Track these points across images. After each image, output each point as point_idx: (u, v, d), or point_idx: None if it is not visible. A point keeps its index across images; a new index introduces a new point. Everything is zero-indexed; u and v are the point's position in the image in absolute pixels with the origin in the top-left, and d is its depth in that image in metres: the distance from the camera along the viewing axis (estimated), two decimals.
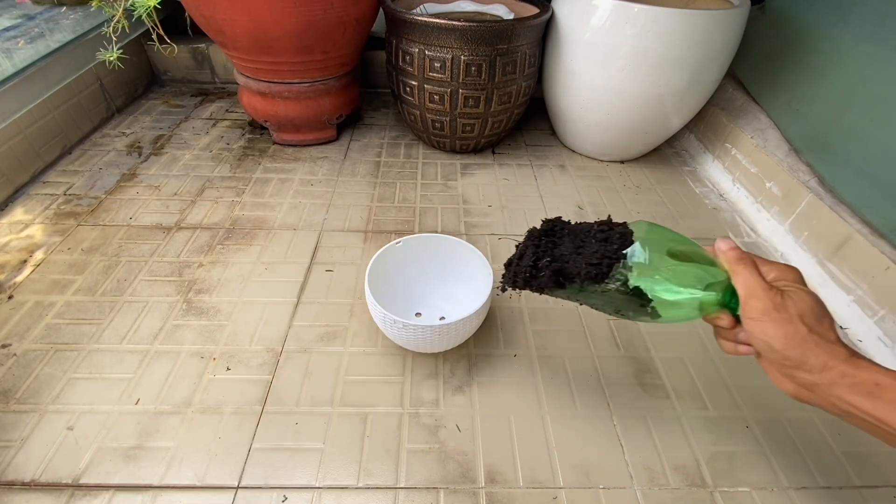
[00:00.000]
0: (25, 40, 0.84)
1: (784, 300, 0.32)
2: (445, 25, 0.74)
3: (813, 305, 0.32)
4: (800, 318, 0.31)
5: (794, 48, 0.79)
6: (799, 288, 0.33)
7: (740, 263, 0.34)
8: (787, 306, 0.32)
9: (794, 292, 0.33)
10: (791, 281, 0.34)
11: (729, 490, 0.45)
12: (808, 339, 0.31)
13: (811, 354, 0.31)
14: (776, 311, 0.32)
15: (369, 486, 0.44)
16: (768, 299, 0.32)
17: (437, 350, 0.54)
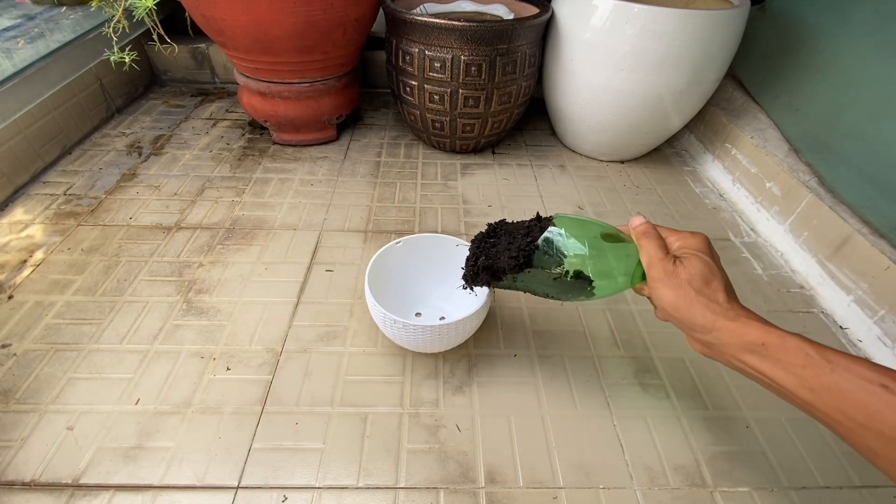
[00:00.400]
0: (25, 40, 0.84)
1: (676, 267, 0.35)
2: (445, 25, 0.74)
3: (702, 269, 0.34)
4: (688, 283, 0.34)
5: (794, 48, 0.79)
6: (693, 254, 0.35)
7: (644, 237, 0.38)
8: (677, 273, 0.34)
9: (686, 258, 0.35)
10: (690, 248, 0.36)
11: (729, 490, 0.45)
12: (696, 302, 0.33)
13: (699, 315, 0.33)
14: (668, 278, 0.35)
15: (369, 486, 0.44)
16: (661, 268, 0.35)
17: (438, 350, 0.54)
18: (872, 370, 0.26)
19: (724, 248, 0.75)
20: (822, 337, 0.61)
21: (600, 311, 0.63)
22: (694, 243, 0.37)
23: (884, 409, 0.24)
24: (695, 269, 0.34)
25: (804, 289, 0.68)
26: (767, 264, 0.73)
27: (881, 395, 0.25)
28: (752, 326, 0.31)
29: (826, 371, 0.27)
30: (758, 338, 0.30)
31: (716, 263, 0.35)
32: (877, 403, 0.25)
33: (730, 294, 0.34)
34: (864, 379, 0.26)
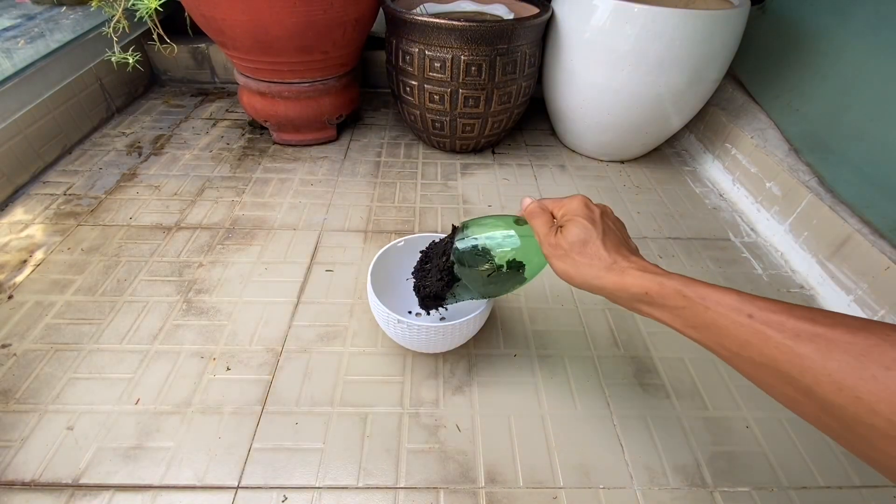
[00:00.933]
0: (25, 40, 0.84)
1: (557, 238, 0.36)
2: (445, 25, 0.74)
3: (578, 233, 0.35)
4: (570, 250, 0.35)
5: (794, 48, 0.79)
6: (570, 219, 0.36)
7: (531, 218, 0.39)
8: (559, 244, 0.36)
9: (564, 227, 0.36)
10: (569, 214, 0.37)
11: (729, 490, 0.45)
12: (581, 266, 0.35)
13: (589, 276, 0.34)
14: (554, 251, 0.36)
15: (369, 486, 0.44)
16: (547, 243, 0.37)
17: (439, 350, 0.54)
18: (740, 301, 0.27)
19: (725, 248, 0.75)
20: None
21: (600, 310, 0.63)
22: (571, 208, 0.37)
23: (752, 339, 0.26)
24: (572, 235, 0.35)
25: (804, 289, 0.68)
26: (767, 264, 0.73)
27: (748, 325, 0.26)
28: (632, 277, 0.32)
29: (701, 310, 0.28)
30: (640, 287, 0.31)
31: (594, 221, 0.36)
32: (746, 334, 0.26)
33: (613, 247, 0.34)
34: (733, 311, 0.27)
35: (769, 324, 0.25)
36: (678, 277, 0.31)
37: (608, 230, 0.36)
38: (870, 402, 0.21)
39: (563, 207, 0.38)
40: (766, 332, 0.25)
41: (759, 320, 0.25)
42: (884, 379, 0.20)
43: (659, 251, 0.73)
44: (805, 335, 0.23)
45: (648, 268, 0.33)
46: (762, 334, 0.25)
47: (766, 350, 0.25)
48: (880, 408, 0.20)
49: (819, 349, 0.23)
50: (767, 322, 0.25)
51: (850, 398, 0.21)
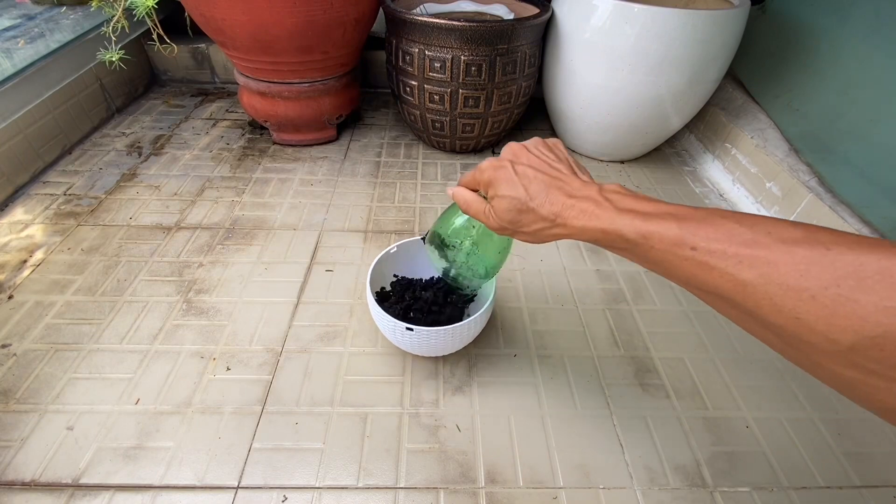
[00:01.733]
0: (25, 40, 0.84)
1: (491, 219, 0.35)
2: (445, 25, 0.74)
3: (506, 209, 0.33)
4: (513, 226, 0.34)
5: (794, 48, 0.79)
6: (492, 196, 0.35)
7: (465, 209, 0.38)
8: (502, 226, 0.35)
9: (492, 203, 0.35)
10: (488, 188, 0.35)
11: (729, 490, 0.45)
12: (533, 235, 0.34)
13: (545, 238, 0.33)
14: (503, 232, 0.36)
15: (369, 486, 0.44)
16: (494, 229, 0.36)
17: (441, 354, 0.54)
18: (682, 233, 0.26)
19: None
20: None
21: (600, 311, 0.63)
22: (484, 179, 0.35)
23: (696, 271, 0.26)
24: (502, 215, 0.34)
25: None
26: None
27: (691, 258, 0.26)
28: (578, 227, 0.31)
29: (646, 250, 0.28)
30: (589, 236, 0.31)
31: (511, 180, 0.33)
32: (690, 267, 0.26)
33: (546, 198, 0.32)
34: (675, 246, 0.27)
35: (711, 254, 0.25)
36: (621, 215, 0.29)
37: (528, 182, 0.33)
38: (808, 321, 0.21)
39: (480, 183, 0.36)
40: (709, 263, 0.25)
41: (701, 252, 0.25)
42: (822, 298, 0.21)
43: None
44: (746, 261, 0.24)
45: (590, 211, 0.30)
46: (705, 265, 0.25)
47: (710, 280, 0.25)
48: (818, 326, 0.21)
49: (760, 275, 0.23)
50: (710, 252, 0.25)
51: (789, 319, 0.22)
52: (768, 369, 0.57)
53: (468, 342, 0.54)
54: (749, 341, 0.60)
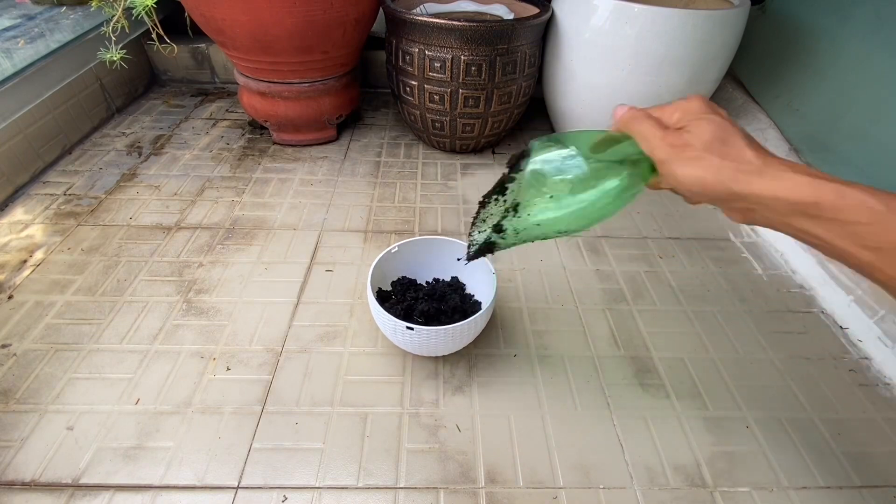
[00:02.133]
0: (25, 40, 0.84)
1: (684, 137, 0.29)
2: (445, 25, 0.74)
3: (715, 130, 0.29)
4: (706, 150, 0.28)
5: (794, 48, 0.79)
6: (698, 117, 0.30)
7: (633, 122, 0.32)
8: (689, 143, 0.29)
9: (692, 124, 0.30)
10: (692, 114, 0.31)
11: (729, 490, 0.45)
12: (723, 167, 0.28)
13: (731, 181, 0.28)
14: (680, 153, 0.29)
15: (369, 486, 0.44)
16: (668, 145, 0.30)
17: (442, 353, 0.54)
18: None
19: (724, 248, 0.75)
20: (822, 337, 0.61)
21: (600, 310, 0.63)
22: (692, 107, 0.31)
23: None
24: (707, 133, 0.29)
25: (804, 289, 0.68)
26: (768, 264, 0.73)
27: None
28: (796, 181, 0.26)
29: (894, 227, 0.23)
30: (810, 195, 0.26)
31: (727, 119, 0.30)
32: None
33: (756, 147, 0.28)
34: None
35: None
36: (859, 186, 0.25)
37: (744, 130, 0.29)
38: None
39: (680, 109, 0.31)
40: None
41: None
42: None
43: (659, 251, 0.73)
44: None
45: (814, 172, 0.26)
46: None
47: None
48: None
49: None
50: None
51: None
52: (768, 369, 0.57)
53: (468, 342, 0.54)
54: (749, 341, 0.60)
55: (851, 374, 0.57)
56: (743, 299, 0.66)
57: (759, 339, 0.60)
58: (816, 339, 0.61)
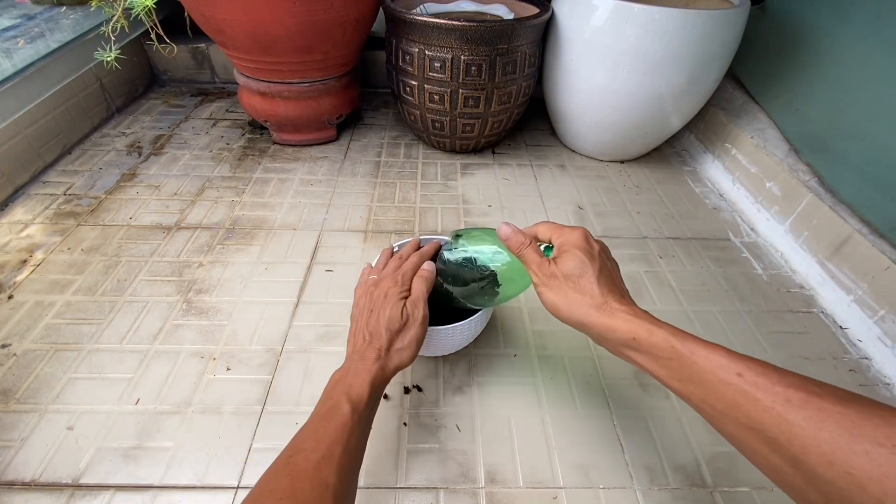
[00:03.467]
0: (25, 40, 0.84)
1: (551, 267, 0.35)
2: (445, 25, 0.74)
3: (574, 265, 0.34)
4: (565, 281, 0.34)
5: (794, 48, 0.79)
6: (567, 251, 0.35)
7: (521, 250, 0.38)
8: (554, 273, 0.35)
9: (560, 257, 0.35)
10: (567, 245, 0.36)
11: (729, 490, 0.45)
12: (573, 300, 0.34)
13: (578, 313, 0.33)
14: (547, 280, 0.35)
15: (369, 486, 0.44)
16: (540, 272, 0.36)
17: (441, 354, 0.54)
18: (729, 359, 0.26)
19: (724, 248, 0.75)
20: (822, 337, 0.61)
21: None
22: (572, 239, 0.36)
23: (739, 399, 0.25)
24: (568, 267, 0.34)
25: (804, 289, 0.68)
26: (767, 264, 0.73)
27: (737, 384, 0.25)
28: (622, 320, 0.31)
29: (689, 363, 0.28)
30: (628, 332, 0.31)
31: (592, 256, 0.35)
32: (733, 393, 0.25)
33: (606, 286, 0.34)
34: (721, 369, 0.26)
35: (758, 386, 0.24)
36: (668, 327, 0.30)
37: (604, 269, 0.35)
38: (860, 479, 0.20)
39: (563, 236, 0.37)
40: (755, 395, 0.24)
41: (747, 381, 0.25)
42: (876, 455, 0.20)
43: (659, 251, 0.73)
44: (796, 401, 0.23)
45: (639, 313, 0.32)
46: (751, 396, 0.24)
47: (754, 413, 0.24)
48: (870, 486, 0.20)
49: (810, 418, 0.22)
50: (756, 384, 0.24)
51: (840, 473, 0.20)
52: None
53: (468, 342, 0.54)
54: (749, 341, 0.60)
55: (851, 374, 0.57)
56: (743, 299, 0.66)
57: (759, 339, 0.60)
58: (816, 339, 0.61)
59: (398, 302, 0.42)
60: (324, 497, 0.29)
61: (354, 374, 0.38)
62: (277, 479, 0.30)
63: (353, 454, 0.34)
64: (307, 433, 0.33)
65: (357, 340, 0.41)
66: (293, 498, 0.28)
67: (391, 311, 0.41)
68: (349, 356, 0.41)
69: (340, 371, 0.39)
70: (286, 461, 0.31)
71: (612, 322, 0.32)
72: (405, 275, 0.44)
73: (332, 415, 0.34)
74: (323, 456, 0.31)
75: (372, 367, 0.38)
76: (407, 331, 0.41)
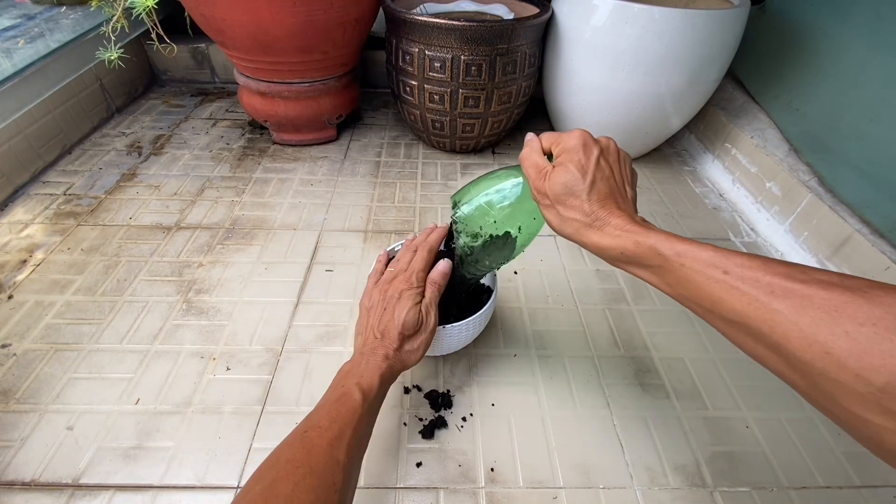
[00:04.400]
0: (25, 40, 0.84)
1: (544, 184, 0.34)
2: (445, 25, 0.74)
3: (566, 181, 0.33)
4: (555, 199, 0.33)
5: (794, 48, 0.79)
6: (560, 163, 0.34)
7: (523, 161, 0.37)
8: (545, 190, 0.34)
9: (554, 171, 0.34)
10: (566, 151, 0.34)
11: (729, 490, 0.45)
12: (563, 218, 0.33)
13: (569, 230, 0.33)
14: (541, 199, 0.35)
15: (369, 486, 0.44)
16: (535, 189, 0.35)
17: (441, 354, 0.54)
18: (716, 257, 0.26)
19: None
20: None
21: (600, 310, 0.63)
22: (568, 146, 0.34)
23: (724, 296, 0.25)
24: (557, 184, 0.33)
25: None
26: None
27: (721, 281, 0.25)
28: (609, 236, 0.31)
29: (677, 267, 0.28)
30: (617, 247, 0.31)
31: (586, 167, 0.33)
32: (719, 290, 0.25)
33: (598, 199, 0.32)
34: (708, 267, 0.26)
35: (744, 280, 0.25)
36: (657, 234, 0.30)
37: (599, 178, 0.33)
38: (839, 356, 0.20)
39: (560, 142, 0.35)
40: (741, 288, 0.25)
41: (734, 276, 0.25)
42: (855, 334, 0.20)
43: None
44: (779, 291, 0.23)
45: (627, 225, 0.31)
46: (736, 290, 0.25)
47: (739, 307, 0.24)
48: (849, 363, 0.20)
49: (793, 305, 0.22)
50: (742, 278, 0.25)
51: (818, 353, 0.21)
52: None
53: (468, 342, 0.54)
54: None
55: None
56: None
57: None
58: None
59: (414, 306, 0.42)
60: (335, 472, 0.31)
61: (365, 368, 0.39)
62: (293, 450, 0.32)
63: (361, 439, 0.35)
64: (321, 413, 0.35)
65: (368, 337, 0.42)
66: (308, 467, 0.30)
67: (407, 316, 0.41)
68: (359, 350, 0.42)
69: (350, 364, 0.40)
70: (302, 435, 0.33)
71: (600, 240, 0.31)
72: (418, 275, 0.44)
73: (345, 400, 0.36)
74: (336, 435, 0.33)
75: (381, 365, 0.39)
76: (418, 336, 0.42)
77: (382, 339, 0.41)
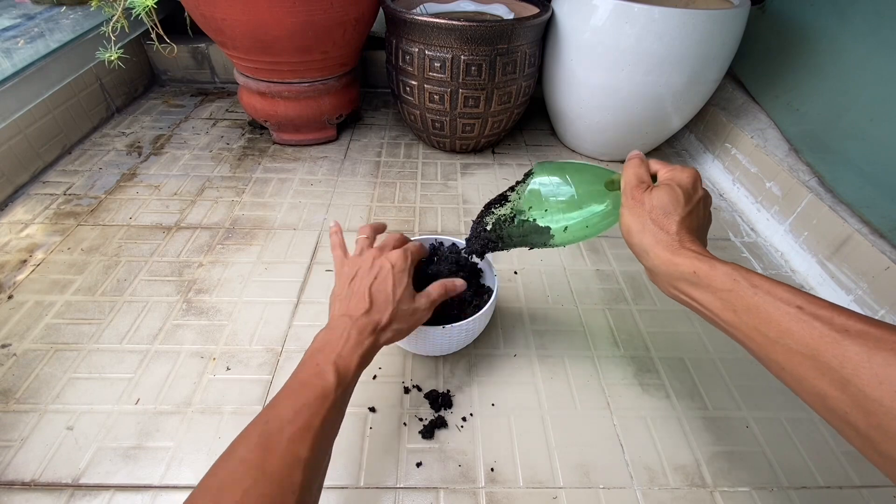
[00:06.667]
0: (25, 40, 0.84)
1: (643, 195, 0.36)
2: (445, 25, 0.74)
3: (667, 201, 0.35)
4: (649, 212, 0.35)
5: (794, 48, 0.79)
6: (668, 185, 0.36)
7: (626, 166, 0.39)
8: (643, 200, 0.35)
9: (658, 189, 0.36)
10: (672, 181, 0.36)
11: (729, 490, 0.45)
12: (648, 230, 0.34)
13: (646, 242, 0.34)
14: (634, 205, 0.36)
15: (369, 486, 0.44)
16: (630, 195, 0.37)
17: (441, 354, 0.54)
18: (791, 293, 0.27)
19: (724, 248, 0.75)
20: None
21: (600, 310, 0.63)
22: (680, 177, 0.36)
23: (794, 327, 0.26)
24: (658, 200, 0.35)
25: (804, 289, 0.68)
26: (767, 264, 0.73)
27: (794, 314, 0.26)
28: (685, 256, 0.32)
29: (749, 294, 0.28)
30: (690, 266, 0.32)
31: (689, 199, 0.35)
32: (788, 321, 0.26)
33: (686, 229, 0.34)
34: (782, 301, 0.27)
35: (817, 317, 0.25)
36: (733, 264, 0.31)
37: (695, 214, 0.35)
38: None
39: (674, 171, 0.37)
40: (813, 323, 0.25)
41: (807, 312, 0.26)
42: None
43: None
44: (853, 331, 0.24)
45: (703, 252, 0.33)
46: (808, 324, 0.25)
47: (809, 339, 0.25)
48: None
49: (865, 344, 0.23)
50: (816, 315, 0.25)
51: (889, 392, 0.21)
52: None
53: (469, 342, 0.54)
54: None
55: None
56: None
57: None
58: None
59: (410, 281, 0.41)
60: (294, 471, 0.28)
61: (345, 342, 0.36)
62: (248, 446, 0.29)
63: (331, 425, 0.33)
64: (286, 400, 0.32)
65: (353, 302, 0.38)
66: (261, 470, 0.28)
67: (406, 289, 0.40)
68: (337, 317, 0.38)
69: (326, 332, 0.37)
70: (262, 428, 0.30)
71: (674, 257, 0.33)
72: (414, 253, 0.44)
73: (315, 382, 0.33)
74: (300, 428, 0.30)
75: (365, 341, 0.36)
76: (413, 315, 0.41)
77: (372, 308, 0.38)
